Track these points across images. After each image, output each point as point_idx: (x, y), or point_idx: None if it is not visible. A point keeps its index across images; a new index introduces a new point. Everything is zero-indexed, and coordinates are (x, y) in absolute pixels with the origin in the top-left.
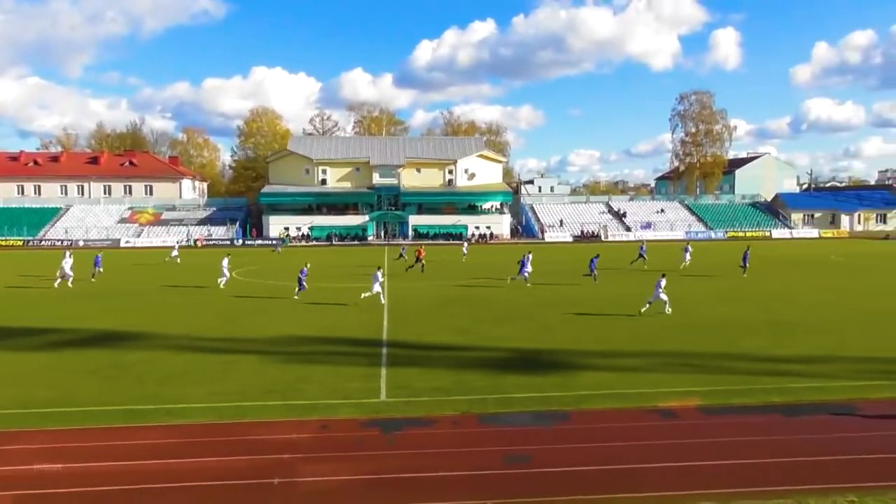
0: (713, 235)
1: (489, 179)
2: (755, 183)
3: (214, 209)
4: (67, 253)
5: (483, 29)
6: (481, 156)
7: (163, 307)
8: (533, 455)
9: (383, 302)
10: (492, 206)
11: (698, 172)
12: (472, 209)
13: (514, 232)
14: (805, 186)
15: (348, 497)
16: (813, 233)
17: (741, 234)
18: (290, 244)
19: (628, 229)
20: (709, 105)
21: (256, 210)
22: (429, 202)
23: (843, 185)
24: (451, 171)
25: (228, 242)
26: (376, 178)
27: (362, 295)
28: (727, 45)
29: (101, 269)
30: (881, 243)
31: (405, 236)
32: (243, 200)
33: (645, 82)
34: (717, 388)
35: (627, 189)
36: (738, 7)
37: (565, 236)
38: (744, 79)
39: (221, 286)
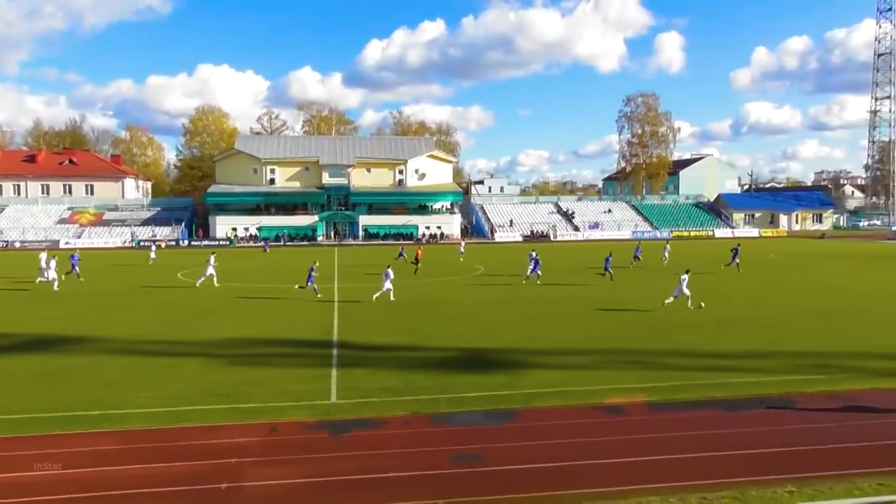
0: (658, 235)
1: (439, 179)
2: (698, 183)
3: (159, 209)
4: (44, 255)
5: (433, 29)
6: (431, 156)
7: (110, 310)
8: (483, 454)
9: (392, 299)
10: (442, 207)
11: (644, 173)
12: (422, 209)
13: (464, 232)
14: (746, 187)
15: (297, 500)
16: (753, 232)
17: (686, 233)
18: (237, 245)
19: (577, 229)
20: (654, 107)
21: (203, 210)
22: (379, 202)
23: (782, 185)
24: (401, 171)
25: (174, 243)
26: (326, 178)
27: (374, 296)
28: (671, 48)
29: (78, 271)
30: (817, 242)
31: (355, 236)
32: (189, 200)
33: (592, 84)
34: (660, 384)
35: (576, 189)
36: (682, 12)
37: (515, 236)
38: (687, 82)
39: (215, 283)
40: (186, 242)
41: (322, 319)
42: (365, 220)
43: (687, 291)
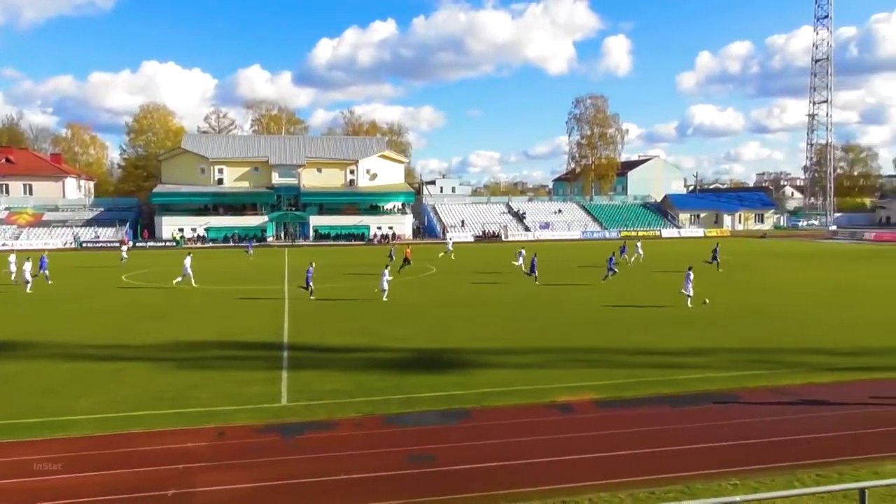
0: (607, 235)
1: (391, 180)
2: (646, 184)
3: (102, 209)
4: (13, 257)
5: (384, 29)
6: (383, 156)
7: (55, 313)
8: (436, 454)
9: (385, 300)
10: (394, 207)
11: (593, 174)
12: (374, 209)
13: (416, 232)
14: (691, 188)
15: None
16: (699, 232)
17: (634, 233)
18: (183, 246)
19: (528, 229)
20: (603, 109)
21: (148, 210)
22: (330, 202)
23: (725, 186)
24: (352, 172)
25: (118, 244)
26: (276, 178)
27: (385, 297)
28: (619, 51)
29: (47, 272)
30: (759, 242)
31: (306, 237)
32: (134, 201)
33: (542, 86)
34: (609, 381)
35: (526, 190)
36: (629, 16)
37: (467, 236)
38: (634, 84)
39: (193, 283)
40: (131, 244)
41: (272, 321)
42: (316, 220)
43: (690, 289)
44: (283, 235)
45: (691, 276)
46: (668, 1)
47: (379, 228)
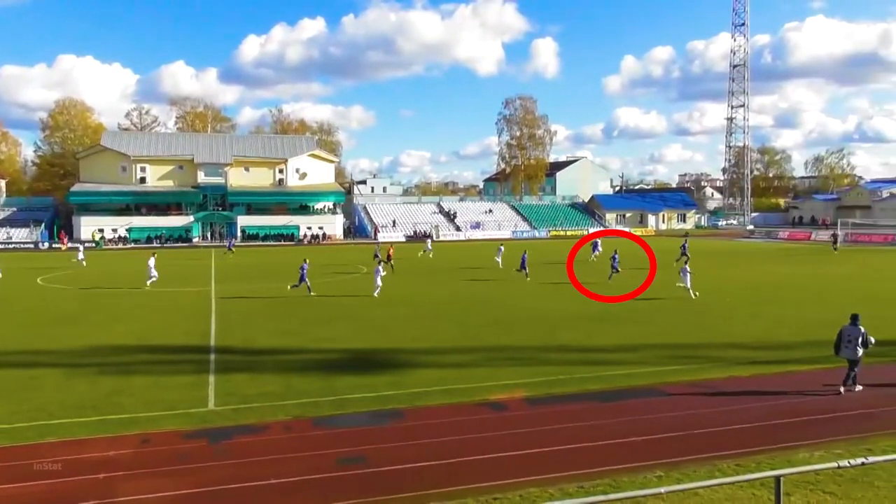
0: (537, 234)
1: (321, 179)
2: (574, 185)
3: (14, 209)
4: None
5: (312, 27)
6: (313, 155)
7: None
8: (368, 455)
9: (375, 295)
10: (324, 207)
11: (523, 174)
12: (303, 209)
13: (346, 232)
14: (617, 188)
15: None
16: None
17: (562, 233)
18: (104, 247)
19: (459, 229)
20: (532, 110)
21: (65, 210)
22: (258, 202)
23: (650, 187)
24: (281, 171)
25: (32, 246)
26: (201, 177)
27: (376, 294)
28: (547, 54)
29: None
30: (681, 241)
31: (233, 237)
32: (49, 200)
33: (472, 86)
34: (540, 379)
35: (457, 190)
36: (556, 19)
37: (398, 236)
38: (562, 86)
39: (148, 286)
40: (47, 245)
41: (199, 324)
42: (244, 220)
43: (687, 282)
44: (209, 236)
45: (689, 272)
46: (594, 5)
47: (309, 228)
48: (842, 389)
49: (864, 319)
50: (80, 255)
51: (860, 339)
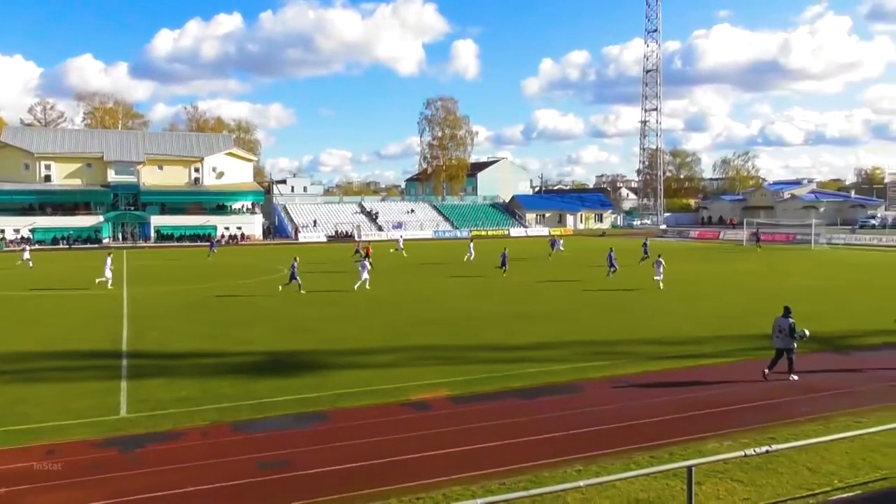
0: (459, 234)
1: (239, 178)
2: (495, 185)
3: None
4: None
5: (229, 22)
6: (230, 154)
7: None
8: (290, 458)
9: (367, 287)
10: (242, 206)
11: (444, 175)
12: (221, 209)
13: (266, 232)
14: (537, 189)
15: None
16: (544, 231)
17: (484, 232)
18: (4, 249)
19: (381, 229)
20: (453, 111)
21: None
22: (173, 202)
23: (568, 187)
24: (197, 170)
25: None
26: (112, 176)
27: (355, 286)
28: (467, 55)
29: None
30: (598, 240)
31: (146, 238)
32: None
33: (393, 86)
34: (463, 377)
35: (379, 190)
36: (475, 21)
37: (319, 236)
38: (482, 88)
39: (109, 286)
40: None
41: (109, 328)
42: (157, 220)
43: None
44: (120, 237)
45: (662, 263)
46: (512, 8)
47: (227, 229)
48: (766, 372)
49: (768, 316)
50: (27, 256)
51: (789, 330)
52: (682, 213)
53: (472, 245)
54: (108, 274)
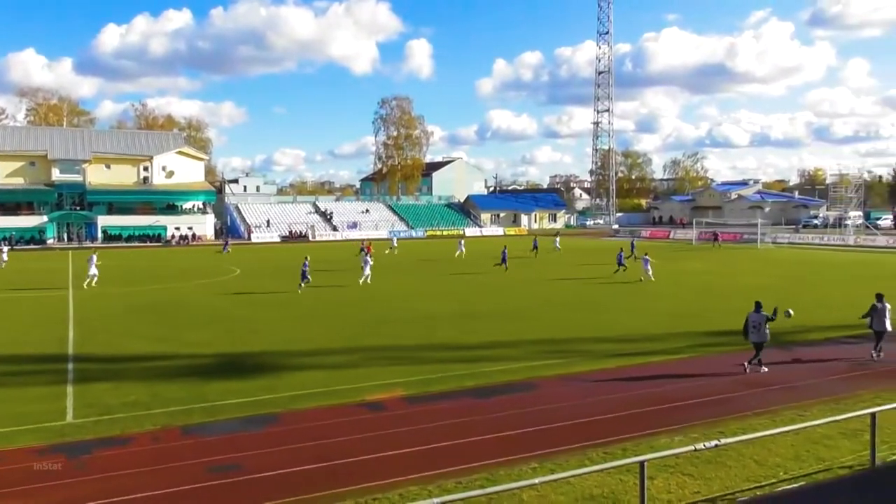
0: (414, 234)
1: (190, 178)
2: (449, 185)
3: None
4: None
5: (178, 18)
6: (181, 152)
7: None
8: (242, 462)
9: (369, 282)
10: (193, 206)
11: (399, 174)
12: (171, 209)
13: (218, 233)
14: (491, 189)
15: None
16: (499, 231)
17: (439, 232)
18: None
19: (335, 229)
20: (408, 111)
21: None
22: (121, 201)
23: (522, 188)
24: (146, 169)
25: None
26: (56, 175)
27: (360, 281)
28: (421, 55)
29: None
30: (552, 239)
31: (93, 239)
32: None
33: (347, 85)
34: (417, 377)
35: (334, 189)
36: (429, 21)
37: (273, 237)
38: (436, 88)
39: (94, 284)
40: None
41: (54, 331)
42: (104, 220)
43: (649, 270)
44: (66, 237)
45: (649, 260)
46: (465, 8)
47: (177, 229)
48: (746, 367)
49: (716, 313)
50: (4, 256)
51: (765, 323)
52: (634, 213)
53: (462, 242)
54: (94, 271)
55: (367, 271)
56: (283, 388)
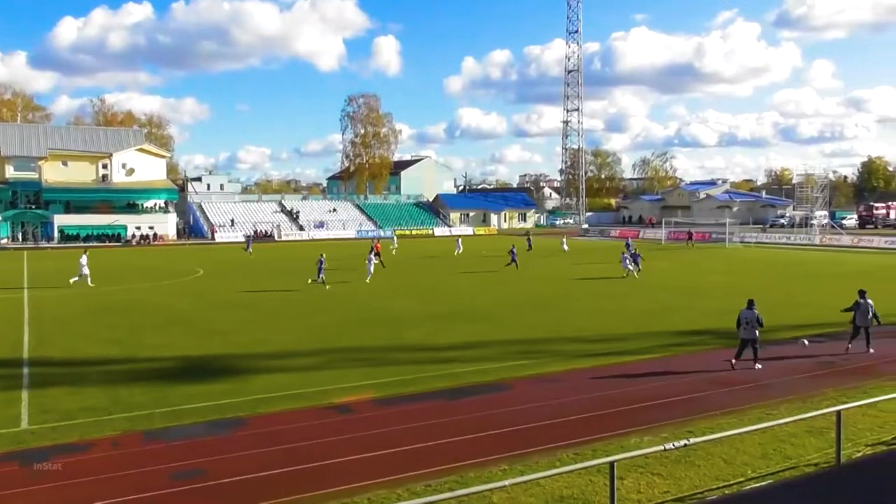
0: (382, 234)
1: (151, 176)
2: (418, 184)
3: None
4: None
5: (138, 12)
6: (141, 149)
7: None
8: (207, 467)
9: (367, 281)
10: (155, 205)
11: (367, 173)
12: (131, 208)
13: (180, 232)
14: (461, 188)
15: None
16: (469, 230)
17: (408, 232)
18: None
19: (302, 229)
20: (376, 108)
21: None
22: (79, 200)
23: (492, 187)
24: (105, 166)
25: None
26: (10, 172)
27: (367, 279)
28: (388, 52)
29: None
30: (522, 240)
31: (49, 238)
32: None
33: (313, 82)
34: (388, 379)
35: (300, 188)
36: (397, 17)
37: (237, 236)
38: (405, 85)
39: (90, 283)
40: None
41: (8, 333)
42: (61, 219)
43: (631, 266)
44: (21, 237)
45: (633, 256)
46: (433, 5)
47: (138, 228)
48: (733, 362)
49: (685, 312)
50: None
51: (757, 321)
52: (604, 212)
53: (459, 241)
54: (86, 271)
55: (372, 270)
56: (249, 391)
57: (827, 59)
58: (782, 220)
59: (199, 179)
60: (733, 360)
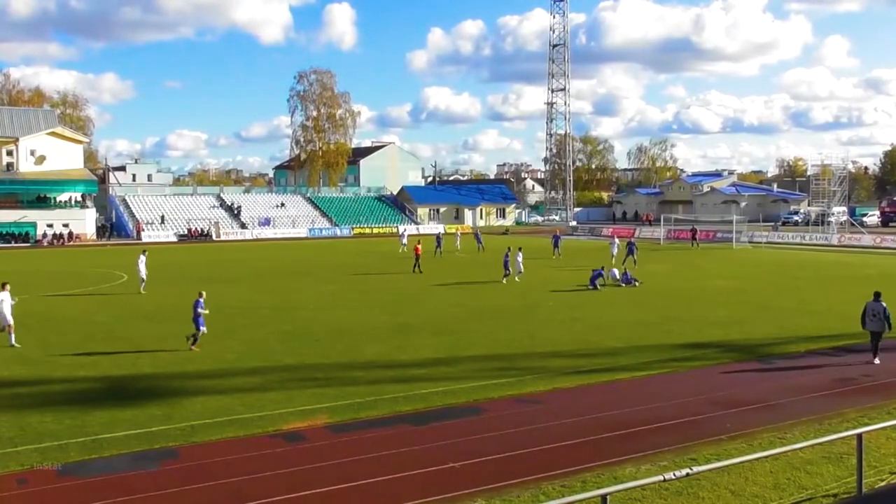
0: (339, 233)
1: (66, 164)
2: (380, 174)
3: None
4: None
5: None
6: (53, 133)
7: None
8: None
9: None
10: (70, 199)
11: (321, 162)
12: (42, 202)
13: (101, 231)
14: (430, 179)
15: None
16: (439, 228)
17: (369, 230)
18: None
19: (244, 227)
20: (330, 87)
21: None
22: None
23: (466, 178)
24: (10, 153)
25: None
26: None
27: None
28: (342, 21)
29: None
30: (500, 239)
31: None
32: None
33: (255, 56)
34: (344, 402)
35: (242, 179)
36: None
37: (168, 236)
38: (363, 60)
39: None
40: None
41: None
42: None
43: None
44: None
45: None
46: None
47: (50, 226)
48: (876, 360)
49: (686, 323)
50: None
51: (884, 314)
52: (595, 207)
53: (458, 236)
54: (144, 274)
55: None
56: (182, 417)
57: (841, 34)
58: (796, 217)
59: (122, 169)
60: (875, 359)
